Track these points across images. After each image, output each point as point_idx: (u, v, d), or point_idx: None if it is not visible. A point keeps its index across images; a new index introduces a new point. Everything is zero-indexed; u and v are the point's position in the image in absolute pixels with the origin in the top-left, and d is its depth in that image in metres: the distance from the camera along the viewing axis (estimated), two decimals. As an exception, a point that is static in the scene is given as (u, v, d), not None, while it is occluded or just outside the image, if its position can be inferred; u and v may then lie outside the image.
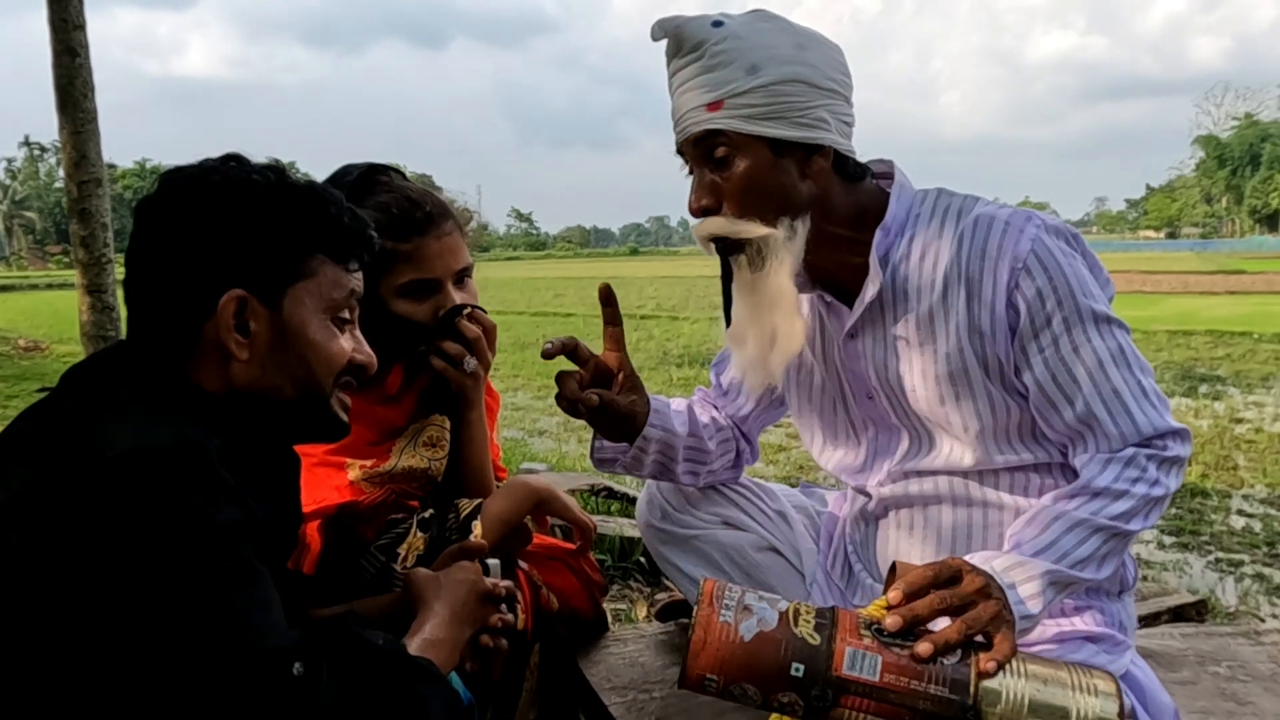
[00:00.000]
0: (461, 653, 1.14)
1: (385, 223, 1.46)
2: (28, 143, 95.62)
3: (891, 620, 1.09)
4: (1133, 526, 1.24)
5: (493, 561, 1.36)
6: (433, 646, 1.09)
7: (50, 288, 37.38)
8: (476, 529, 1.46)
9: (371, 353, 1.13)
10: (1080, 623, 1.34)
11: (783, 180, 1.29)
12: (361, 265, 1.13)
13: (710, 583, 1.12)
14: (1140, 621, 1.69)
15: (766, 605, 1.10)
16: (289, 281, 1.04)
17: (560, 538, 1.79)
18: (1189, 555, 3.97)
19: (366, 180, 1.55)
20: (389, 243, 1.46)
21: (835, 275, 1.39)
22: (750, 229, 1.29)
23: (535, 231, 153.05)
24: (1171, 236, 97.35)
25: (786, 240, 1.30)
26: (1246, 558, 3.91)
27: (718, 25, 1.27)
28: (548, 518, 1.62)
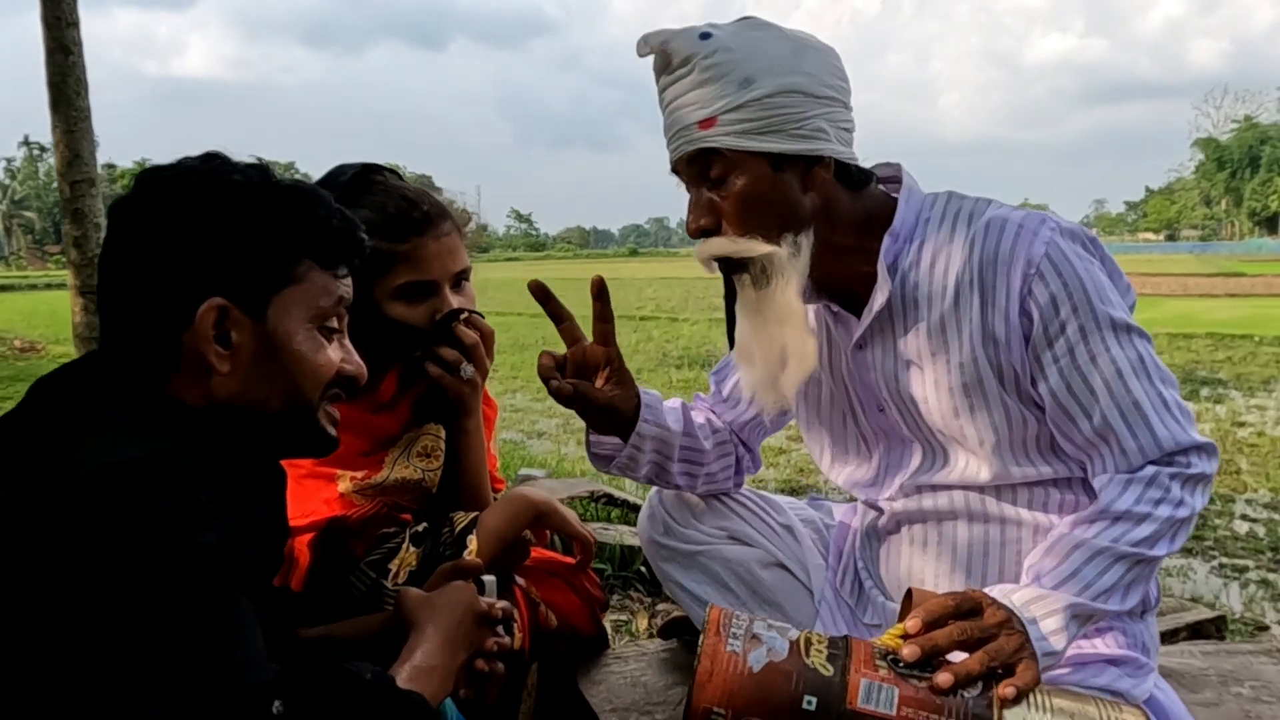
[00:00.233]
0: (455, 679, 1.08)
1: (381, 223, 1.42)
2: (27, 142, 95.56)
3: (909, 650, 1.04)
4: (1157, 552, 1.18)
5: (489, 579, 1.30)
6: (424, 674, 1.03)
7: (49, 288, 37.32)
8: (472, 544, 1.40)
9: (361, 363, 1.07)
10: (1102, 645, 1.28)
11: (784, 196, 1.24)
12: (351, 270, 1.07)
13: (716, 610, 1.07)
14: (1159, 639, 1.63)
15: (776, 634, 1.05)
16: (273, 289, 0.98)
17: (560, 548, 1.74)
18: (1193, 561, 3.91)
19: (361, 180, 1.50)
20: (384, 243, 1.41)
21: (842, 285, 1.34)
22: (753, 248, 1.24)
23: (534, 232, 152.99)
24: (1171, 239, 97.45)
25: (791, 257, 1.25)
26: (1251, 563, 3.85)
27: (706, 37, 1.22)
28: (547, 531, 1.57)
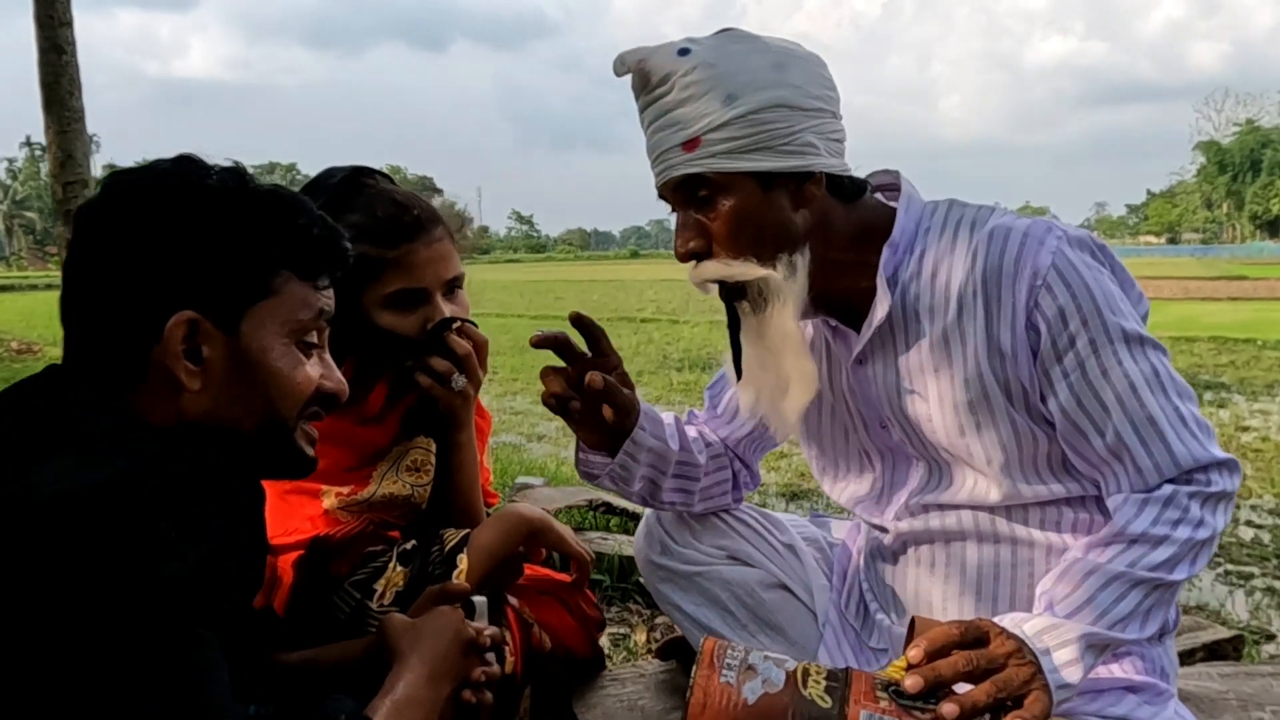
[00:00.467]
0: (441, 712, 1.03)
1: (371, 228, 1.37)
2: (29, 143, 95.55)
3: (911, 681, 0.99)
4: (1177, 576, 1.12)
5: (479, 599, 1.24)
6: (406, 708, 0.97)
7: (50, 288, 37.24)
8: (462, 562, 1.35)
9: (342, 380, 1.01)
10: (1119, 670, 1.23)
11: (775, 216, 1.19)
12: (333, 281, 1.02)
13: (710, 641, 1.03)
14: (1178, 661, 1.57)
15: (772, 665, 1.00)
16: (248, 302, 0.92)
17: (557, 564, 1.68)
18: (1198, 568, 3.86)
19: (351, 183, 1.45)
20: (374, 249, 1.36)
21: (841, 299, 1.29)
22: (747, 271, 1.19)
23: (536, 234, 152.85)
24: (1172, 242, 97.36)
25: (787, 279, 1.19)
26: (1256, 570, 3.78)
27: (685, 54, 1.16)
28: (542, 548, 1.51)
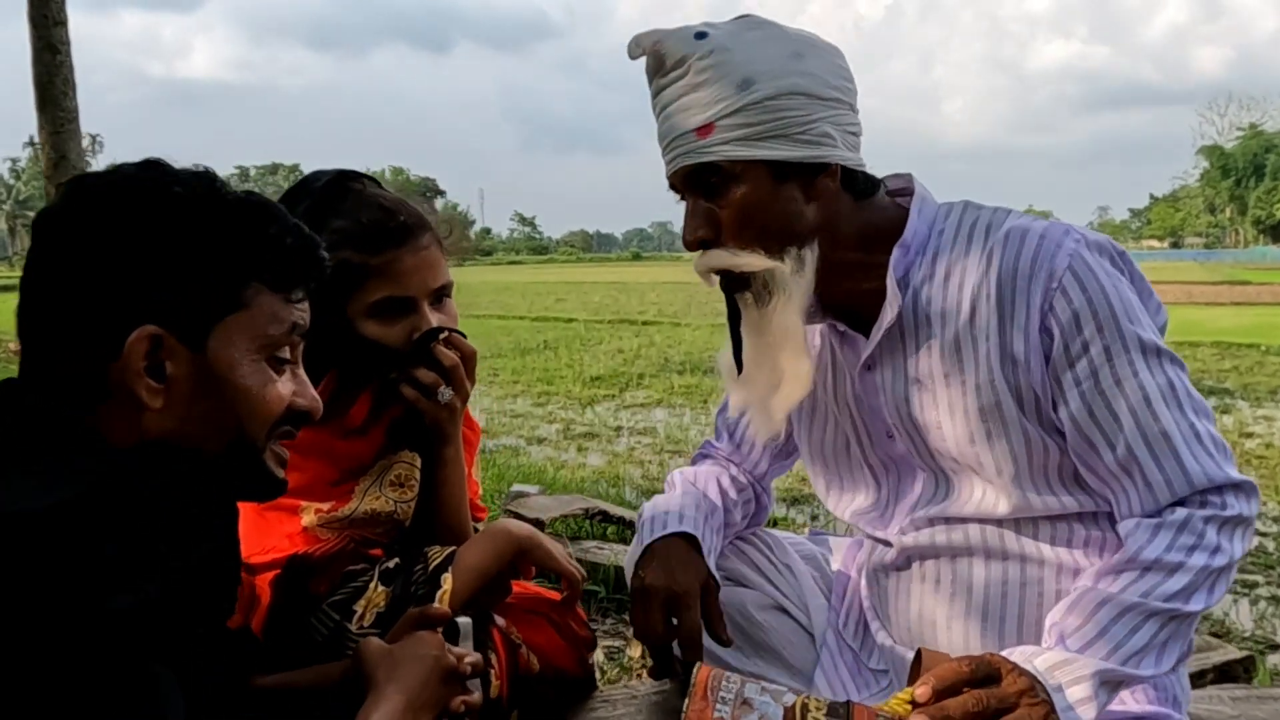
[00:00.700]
0: None
1: (355, 234, 1.32)
2: (32, 143, 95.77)
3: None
4: (1193, 607, 1.07)
5: (463, 621, 1.19)
6: None
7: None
8: (446, 582, 1.29)
9: (316, 396, 0.96)
10: (1131, 700, 1.18)
11: (786, 208, 1.15)
12: (308, 293, 0.97)
13: (705, 670, 0.98)
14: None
15: (770, 699, 0.95)
16: (216, 316, 0.87)
17: (552, 579, 1.63)
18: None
19: (336, 187, 1.40)
20: (357, 256, 1.32)
21: (849, 302, 1.24)
22: (754, 261, 1.15)
23: (538, 236, 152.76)
24: (1175, 246, 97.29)
25: (794, 273, 1.16)
26: (1261, 579, 3.74)
27: (701, 37, 1.13)
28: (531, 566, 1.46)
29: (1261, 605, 3.44)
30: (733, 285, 1.20)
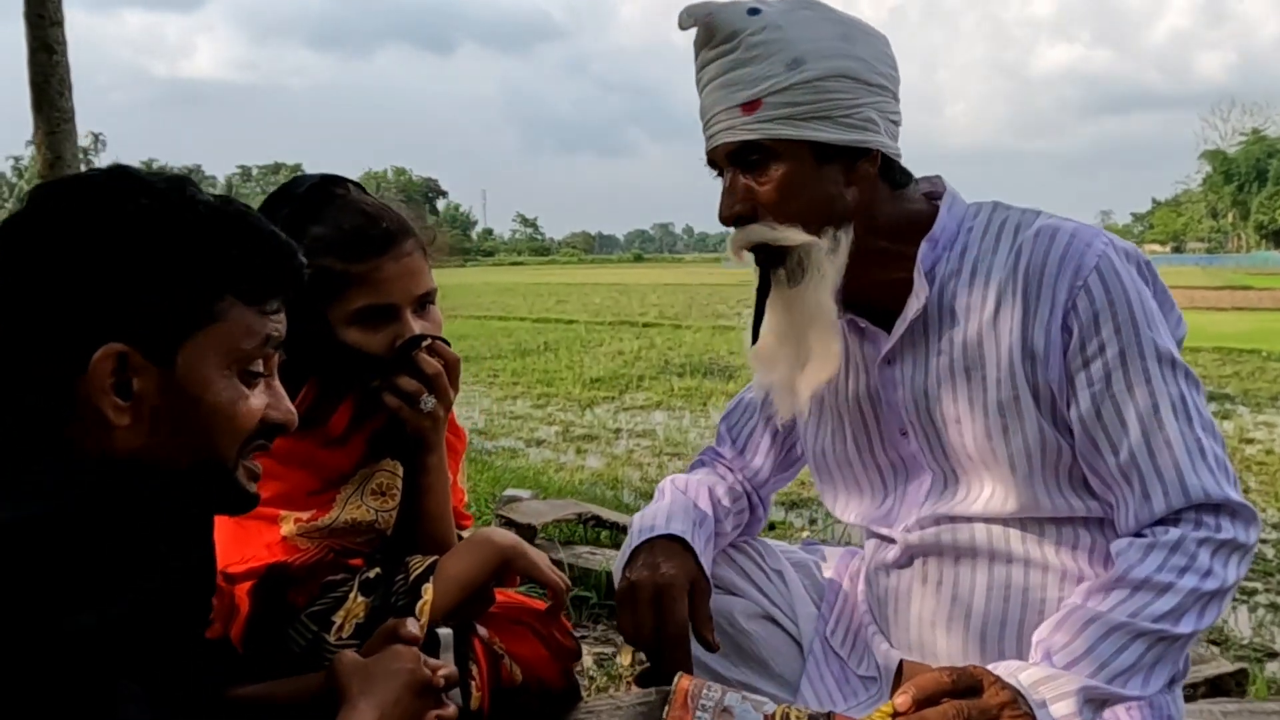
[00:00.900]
0: None
1: (336, 240, 1.31)
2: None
3: None
4: (1182, 629, 1.05)
5: (444, 632, 1.18)
6: None
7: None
8: (427, 593, 1.28)
9: (291, 408, 0.95)
10: (1125, 718, 1.16)
11: (825, 189, 1.16)
12: (285, 304, 0.95)
13: (686, 680, 0.98)
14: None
15: (750, 708, 0.94)
16: (185, 332, 0.85)
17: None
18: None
19: (319, 193, 1.38)
20: (339, 263, 1.30)
21: (872, 295, 1.24)
22: (793, 236, 1.15)
23: (540, 237, 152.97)
24: (1177, 251, 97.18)
25: (830, 251, 1.16)
26: (1260, 586, 3.73)
27: (754, 13, 1.13)
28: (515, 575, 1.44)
29: (1260, 613, 3.43)
30: (770, 260, 1.20)
